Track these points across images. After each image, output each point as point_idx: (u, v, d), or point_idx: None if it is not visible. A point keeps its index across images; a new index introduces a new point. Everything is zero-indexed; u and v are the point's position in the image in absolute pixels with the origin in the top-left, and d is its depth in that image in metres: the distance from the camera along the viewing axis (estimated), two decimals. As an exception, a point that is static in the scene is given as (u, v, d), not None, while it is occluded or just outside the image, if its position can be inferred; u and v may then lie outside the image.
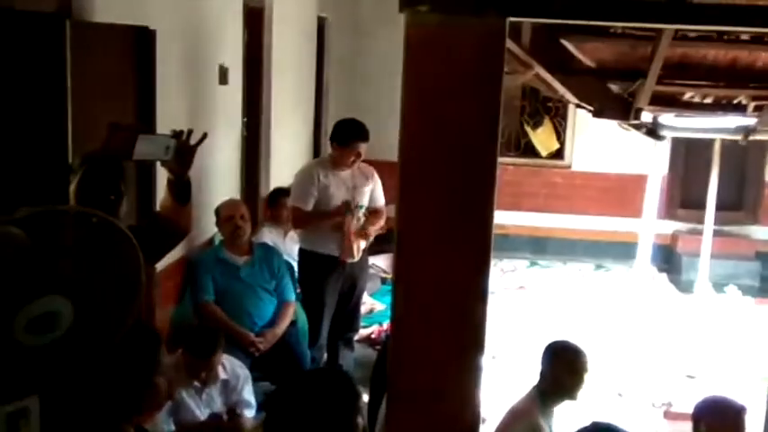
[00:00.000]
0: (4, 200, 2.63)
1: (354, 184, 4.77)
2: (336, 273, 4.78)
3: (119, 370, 1.91)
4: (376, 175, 4.87)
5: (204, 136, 2.67)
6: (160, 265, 3.95)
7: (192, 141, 2.60)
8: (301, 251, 4.93)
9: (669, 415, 4.86)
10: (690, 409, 3.27)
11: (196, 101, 4.74)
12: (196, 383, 3.63)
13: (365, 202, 4.83)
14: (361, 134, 4.62)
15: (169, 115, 3.98)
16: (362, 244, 4.82)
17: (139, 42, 3.74)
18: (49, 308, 1.63)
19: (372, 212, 4.87)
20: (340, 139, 4.66)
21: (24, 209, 1.64)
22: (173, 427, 3.51)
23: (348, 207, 4.68)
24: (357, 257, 4.81)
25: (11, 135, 2.79)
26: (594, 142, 8.36)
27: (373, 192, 4.87)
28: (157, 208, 2.90)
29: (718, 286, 6.74)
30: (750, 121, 4.89)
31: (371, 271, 6.60)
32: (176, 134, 2.54)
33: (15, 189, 2.71)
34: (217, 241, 4.78)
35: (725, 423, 3.13)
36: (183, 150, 2.55)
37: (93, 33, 3.33)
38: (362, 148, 4.63)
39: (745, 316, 6.36)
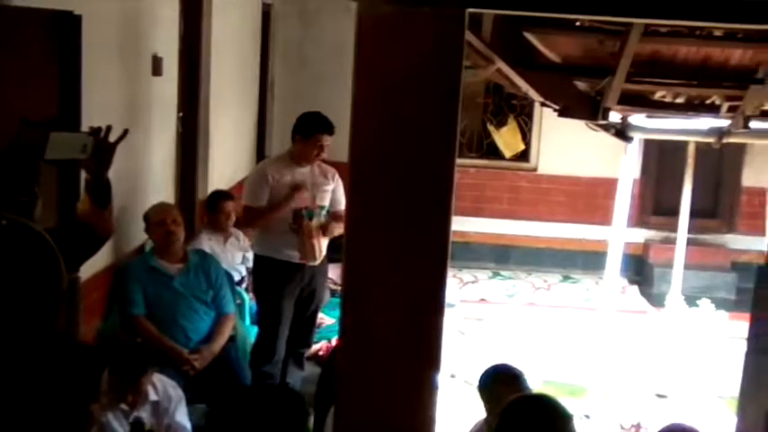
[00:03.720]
0: None
1: (314, 181, 4.82)
2: (295, 281, 4.81)
3: (56, 395, 1.87)
4: (338, 176, 4.93)
5: (125, 133, 2.65)
6: (85, 275, 3.89)
7: (112, 138, 2.59)
8: (256, 257, 4.95)
9: (638, 437, 4.93)
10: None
11: (126, 94, 4.69)
12: (123, 406, 3.58)
13: (326, 202, 4.88)
14: (325, 126, 4.74)
15: (96, 109, 3.93)
16: (324, 243, 4.84)
17: (63, 28, 3.68)
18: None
19: (335, 217, 4.88)
20: (304, 132, 4.76)
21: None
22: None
23: (304, 213, 4.72)
24: (320, 259, 4.84)
25: None
26: (562, 143, 8.42)
27: (335, 193, 4.91)
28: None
29: (692, 299, 6.86)
30: (724, 122, 4.98)
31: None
32: (94, 131, 2.53)
33: None
34: (148, 249, 4.73)
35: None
36: (102, 149, 2.53)
37: (11, 18, 3.28)
38: (327, 140, 4.74)
39: (717, 332, 6.49)
